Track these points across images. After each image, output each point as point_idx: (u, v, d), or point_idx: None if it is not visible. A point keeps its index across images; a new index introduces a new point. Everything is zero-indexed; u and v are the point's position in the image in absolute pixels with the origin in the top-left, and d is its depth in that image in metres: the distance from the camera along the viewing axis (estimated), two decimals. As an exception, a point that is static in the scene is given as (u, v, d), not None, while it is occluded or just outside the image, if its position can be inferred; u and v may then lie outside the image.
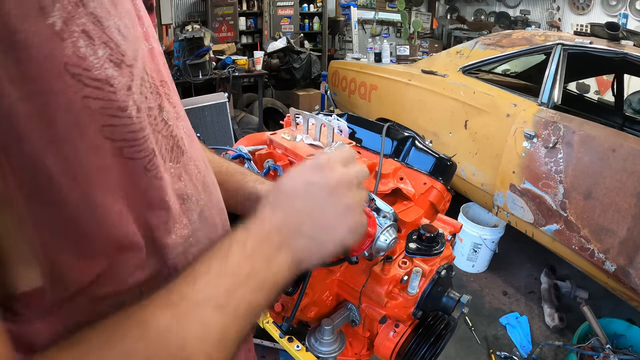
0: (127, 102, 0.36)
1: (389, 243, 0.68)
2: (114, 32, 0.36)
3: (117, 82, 0.35)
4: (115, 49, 0.36)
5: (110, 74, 0.35)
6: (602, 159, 1.98)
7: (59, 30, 0.31)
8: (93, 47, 0.33)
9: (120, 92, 0.36)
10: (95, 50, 0.34)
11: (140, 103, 0.39)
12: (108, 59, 0.35)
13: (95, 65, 0.33)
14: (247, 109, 5.27)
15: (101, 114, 0.34)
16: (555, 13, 7.28)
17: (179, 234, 0.45)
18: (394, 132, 1.06)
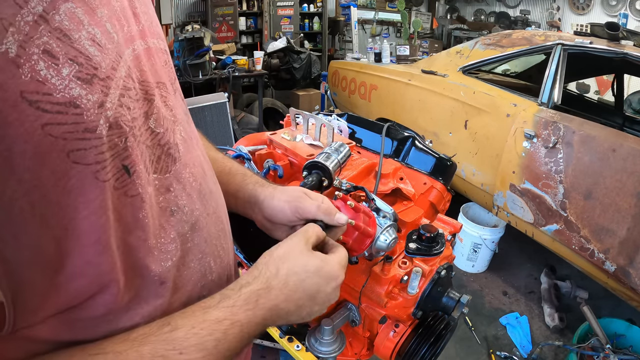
0: (96, 121, 0.35)
1: (389, 243, 0.68)
2: (85, 43, 0.34)
3: (85, 102, 0.34)
4: (86, 64, 0.34)
5: (77, 93, 0.33)
6: (602, 159, 1.98)
7: (14, 56, 0.29)
8: (56, 67, 0.32)
9: (89, 112, 0.34)
10: (59, 70, 0.32)
11: (119, 117, 0.37)
12: (75, 77, 0.33)
13: (58, 88, 0.32)
14: (247, 109, 5.26)
15: (66, 139, 0.32)
16: (555, 13, 7.28)
17: (163, 250, 0.44)
18: (394, 132, 1.06)
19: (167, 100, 0.48)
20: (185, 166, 0.49)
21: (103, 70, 0.36)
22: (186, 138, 0.51)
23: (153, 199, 0.43)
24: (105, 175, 0.36)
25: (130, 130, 0.39)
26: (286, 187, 0.68)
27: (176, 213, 0.46)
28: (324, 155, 0.79)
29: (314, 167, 0.78)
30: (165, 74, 0.49)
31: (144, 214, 0.41)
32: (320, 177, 0.77)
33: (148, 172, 0.42)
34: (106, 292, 0.39)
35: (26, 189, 0.31)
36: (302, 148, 0.91)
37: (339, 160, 0.79)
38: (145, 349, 0.40)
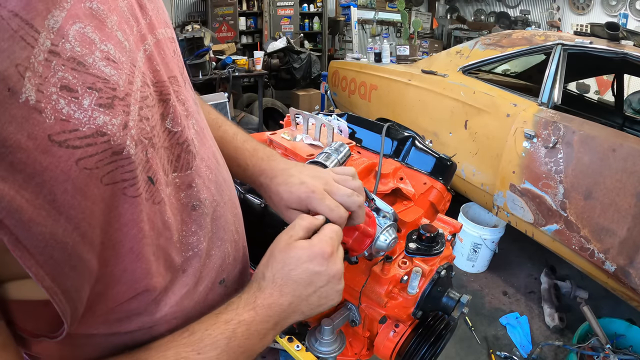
0: (122, 143, 0.35)
1: (388, 243, 0.68)
2: (100, 65, 0.34)
3: (110, 127, 0.34)
4: (104, 87, 0.34)
5: (102, 121, 0.33)
6: (602, 159, 1.98)
7: (35, 103, 0.29)
8: (77, 100, 0.32)
9: (115, 136, 0.34)
10: (80, 103, 0.32)
11: (140, 132, 0.38)
12: (97, 105, 0.33)
13: (82, 121, 0.32)
14: (247, 109, 5.26)
15: (98, 167, 0.33)
16: (555, 13, 7.28)
17: (184, 242, 0.47)
18: (394, 132, 1.06)
19: (179, 95, 0.48)
20: (202, 160, 0.50)
21: (121, 89, 0.36)
22: (199, 130, 0.51)
23: (173, 197, 0.44)
24: (136, 191, 0.37)
25: (149, 141, 0.39)
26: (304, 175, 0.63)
27: (198, 207, 0.48)
28: (324, 155, 0.79)
29: (314, 167, 0.78)
30: (175, 65, 0.49)
31: (168, 216, 0.43)
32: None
33: (166, 173, 0.43)
34: (141, 295, 0.42)
35: (75, 224, 0.32)
36: (302, 148, 0.91)
37: (339, 160, 0.79)
38: (169, 354, 0.43)
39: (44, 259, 0.31)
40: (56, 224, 0.31)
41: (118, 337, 0.44)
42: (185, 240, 0.47)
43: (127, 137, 0.35)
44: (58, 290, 0.33)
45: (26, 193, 0.29)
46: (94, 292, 0.37)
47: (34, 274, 0.31)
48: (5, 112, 0.28)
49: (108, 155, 0.34)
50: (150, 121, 0.40)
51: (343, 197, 0.60)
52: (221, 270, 0.55)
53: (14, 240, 0.29)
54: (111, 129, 0.34)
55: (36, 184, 0.30)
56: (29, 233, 0.30)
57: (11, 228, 0.29)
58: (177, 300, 0.47)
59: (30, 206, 0.29)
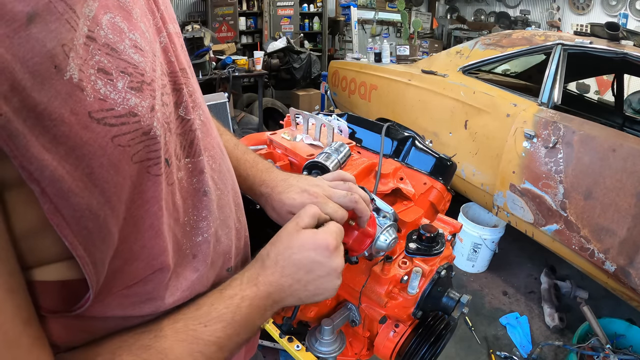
0: (151, 124, 0.38)
1: (389, 243, 0.68)
2: (130, 52, 0.37)
3: (140, 109, 0.37)
4: (134, 72, 0.37)
5: (133, 103, 0.36)
6: (602, 159, 1.98)
7: (77, 81, 0.32)
8: (112, 82, 0.34)
9: (145, 117, 0.37)
10: (115, 85, 0.35)
11: (163, 115, 0.40)
12: (129, 88, 0.36)
13: (117, 101, 0.35)
14: (247, 109, 5.26)
15: (130, 145, 0.36)
16: (555, 13, 7.28)
17: (195, 226, 0.49)
18: (394, 132, 1.06)
19: (188, 86, 0.50)
20: (206, 149, 0.52)
21: (148, 75, 0.38)
22: (205, 121, 0.54)
23: (185, 181, 0.47)
24: (159, 170, 0.39)
25: (167, 126, 0.42)
26: (303, 184, 0.68)
27: (208, 193, 0.50)
28: (324, 155, 0.79)
29: (314, 167, 0.78)
30: (184, 58, 0.51)
31: (177, 198, 0.45)
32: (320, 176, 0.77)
33: (179, 158, 0.46)
34: (156, 274, 0.43)
35: (107, 197, 0.35)
36: (302, 148, 0.91)
37: (339, 160, 0.79)
38: (179, 325, 0.46)
39: (79, 229, 0.33)
40: (91, 196, 0.33)
41: (131, 321, 0.46)
42: (196, 225, 0.49)
43: (154, 119, 0.38)
44: (89, 261, 0.35)
45: (67, 165, 0.31)
46: (111, 267, 0.38)
47: (69, 243, 0.33)
48: (52, 87, 0.30)
49: (139, 134, 0.36)
50: (168, 107, 0.43)
51: (340, 198, 0.64)
52: (228, 257, 0.57)
53: (53, 209, 0.31)
54: (141, 110, 0.37)
55: (76, 157, 0.32)
56: (67, 203, 0.32)
57: (52, 197, 0.31)
58: (188, 285, 0.49)
59: (70, 177, 0.31)
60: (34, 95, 0.29)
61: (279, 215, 0.68)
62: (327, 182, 0.68)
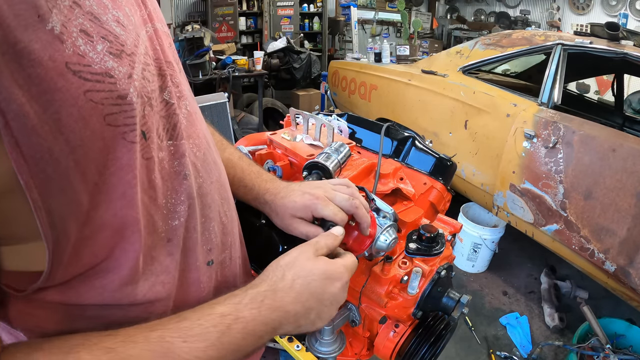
0: (127, 90, 0.39)
1: (389, 243, 0.68)
2: (112, 24, 0.39)
3: (117, 73, 0.38)
4: (115, 41, 0.39)
5: (110, 65, 0.38)
6: (602, 159, 1.98)
7: (58, 33, 0.34)
8: (92, 43, 0.36)
9: (121, 82, 0.38)
10: (95, 46, 0.37)
11: (142, 88, 0.42)
12: (108, 52, 0.38)
13: (95, 60, 0.36)
14: (247, 109, 5.26)
15: (103, 104, 0.37)
16: (555, 13, 7.28)
17: (172, 209, 0.48)
18: (394, 132, 1.06)
19: (174, 77, 0.51)
20: (190, 137, 0.52)
21: (128, 47, 0.41)
22: (191, 112, 0.55)
23: (166, 163, 0.47)
24: (134, 138, 0.40)
25: (148, 100, 0.43)
26: (304, 187, 0.69)
27: (188, 177, 0.50)
28: (324, 156, 0.79)
29: (314, 167, 0.78)
30: (171, 55, 0.53)
31: (155, 176, 0.45)
32: (320, 177, 0.77)
33: (161, 139, 0.46)
34: (128, 248, 0.42)
35: (72, 148, 0.35)
36: (302, 148, 0.91)
37: (339, 160, 0.79)
38: (153, 335, 0.42)
39: (37, 171, 0.34)
40: (55, 141, 0.34)
41: (110, 312, 0.45)
42: (173, 208, 0.48)
43: (130, 86, 0.39)
44: (42, 207, 0.35)
45: (35, 105, 0.33)
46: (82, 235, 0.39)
47: (24, 182, 0.33)
48: (34, 32, 0.32)
49: (114, 97, 0.38)
50: (151, 84, 0.44)
51: (342, 201, 0.65)
52: (208, 250, 0.55)
53: (13, 143, 0.32)
54: (118, 74, 0.38)
55: (47, 100, 0.33)
56: (29, 141, 0.33)
57: (14, 131, 0.32)
58: (162, 270, 0.47)
59: (36, 117, 0.33)
60: (16, 34, 0.31)
61: (282, 221, 0.69)
62: (330, 185, 0.69)
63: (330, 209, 0.64)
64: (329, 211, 0.63)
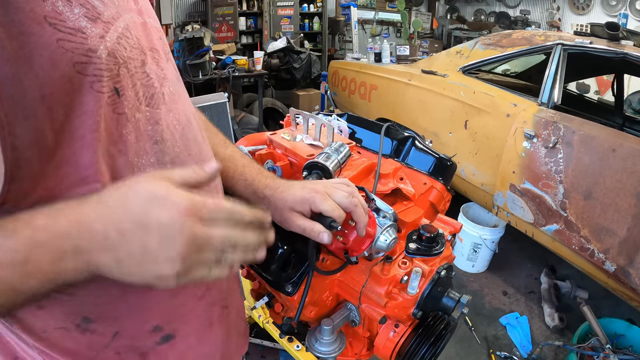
0: (97, 46, 0.45)
1: (389, 243, 0.68)
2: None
3: (89, 31, 0.44)
4: (92, 10, 0.46)
5: (84, 25, 0.44)
6: (602, 159, 1.98)
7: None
8: (70, 6, 0.43)
9: (92, 38, 0.45)
10: (72, 9, 0.43)
11: (115, 50, 0.47)
12: (83, 15, 0.44)
13: (70, 18, 0.43)
14: (247, 109, 5.26)
15: (73, 53, 0.43)
16: (555, 13, 7.28)
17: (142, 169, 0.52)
18: (394, 132, 1.06)
19: (159, 62, 0.57)
20: (170, 111, 0.57)
21: (105, 16, 0.47)
22: (174, 92, 0.59)
23: (141, 124, 0.51)
24: (101, 88, 0.45)
25: (124, 62, 0.49)
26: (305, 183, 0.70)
27: (160, 143, 0.54)
28: (324, 156, 0.79)
29: (314, 167, 0.78)
30: (160, 46, 0.59)
31: (127, 131, 0.49)
32: (320, 177, 0.77)
33: (140, 102, 0.51)
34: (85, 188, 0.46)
35: (40, 83, 0.40)
36: (302, 148, 0.91)
37: (339, 160, 0.79)
38: None
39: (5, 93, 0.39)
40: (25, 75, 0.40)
41: None
42: (143, 168, 0.51)
43: (101, 44, 0.45)
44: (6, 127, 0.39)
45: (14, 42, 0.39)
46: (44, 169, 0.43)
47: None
48: None
49: (84, 49, 0.44)
50: (128, 52, 0.50)
51: (341, 198, 0.65)
52: None
53: None
54: (89, 33, 0.45)
55: (22, 40, 0.39)
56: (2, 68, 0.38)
57: None
58: None
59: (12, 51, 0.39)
60: None
61: (280, 215, 0.68)
62: (330, 183, 0.69)
63: (328, 204, 0.64)
64: (327, 206, 0.64)
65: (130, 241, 0.41)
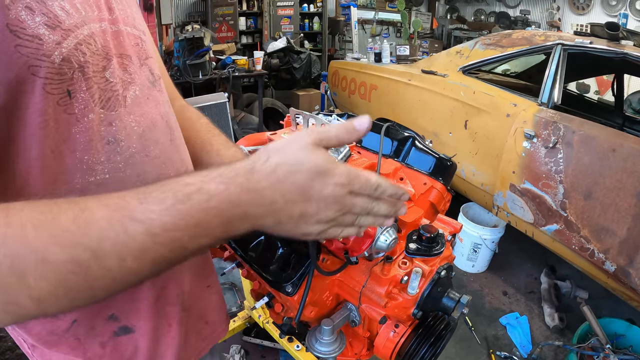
0: (52, 52, 0.49)
1: (389, 243, 0.68)
2: (55, 7, 0.49)
3: (46, 38, 0.48)
4: (53, 19, 0.49)
5: (42, 32, 0.48)
6: (602, 159, 1.98)
7: (7, 3, 0.45)
8: (32, 15, 0.47)
9: (48, 45, 0.48)
10: (34, 18, 0.47)
11: (71, 55, 0.51)
12: (43, 24, 0.48)
13: (31, 26, 0.47)
14: (247, 109, 5.26)
15: (28, 57, 0.47)
16: (555, 13, 7.28)
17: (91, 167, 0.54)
18: (394, 132, 1.06)
19: (127, 67, 0.60)
20: (130, 114, 0.59)
21: (66, 25, 0.50)
22: (140, 96, 0.61)
23: (94, 125, 0.54)
24: (52, 90, 0.49)
25: (79, 67, 0.52)
26: None
27: (112, 144, 0.57)
28: (324, 156, 0.79)
29: (314, 167, 0.78)
30: (134, 52, 0.62)
31: (76, 130, 0.52)
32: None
33: (95, 103, 0.54)
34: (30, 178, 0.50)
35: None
36: (302, 148, 0.90)
37: (339, 160, 0.79)
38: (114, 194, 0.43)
39: None
40: None
41: None
42: (92, 166, 0.55)
43: (56, 50, 0.49)
44: None
45: None
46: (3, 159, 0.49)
47: None
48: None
49: (39, 55, 0.47)
50: (87, 57, 0.53)
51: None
52: None
53: None
54: (46, 40, 0.48)
55: None
56: None
57: None
58: None
59: None
60: None
61: None
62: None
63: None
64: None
65: (293, 207, 0.46)
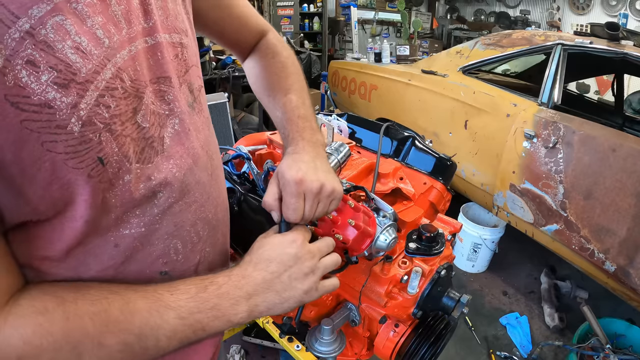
0: (67, 120, 0.41)
1: (388, 243, 0.68)
2: (67, 52, 0.40)
3: (59, 103, 0.40)
4: (65, 71, 0.40)
5: (52, 96, 0.39)
6: (602, 159, 1.98)
7: (1, 67, 0.36)
8: (37, 74, 0.38)
9: (62, 112, 0.40)
10: (39, 77, 0.39)
11: (93, 116, 0.43)
12: (52, 82, 0.39)
13: (36, 92, 0.38)
14: (247, 109, 5.26)
15: (40, 132, 0.39)
16: (555, 13, 7.29)
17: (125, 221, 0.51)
18: (394, 132, 1.06)
19: (165, 95, 0.53)
20: (169, 158, 0.54)
21: (82, 75, 0.41)
22: (180, 130, 0.55)
23: (132, 185, 0.49)
24: (78, 165, 0.43)
25: (105, 126, 0.44)
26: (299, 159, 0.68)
27: (150, 198, 0.52)
28: (324, 155, 0.79)
29: (313, 167, 0.78)
30: (173, 68, 0.54)
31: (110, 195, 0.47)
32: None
33: (130, 162, 0.48)
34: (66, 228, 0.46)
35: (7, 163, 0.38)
36: (302, 148, 0.90)
37: (339, 160, 0.79)
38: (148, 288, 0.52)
39: None
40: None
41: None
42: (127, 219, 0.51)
43: (72, 116, 0.41)
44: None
45: None
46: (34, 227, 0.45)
47: None
48: None
49: (52, 126, 0.40)
50: (113, 110, 0.45)
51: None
52: (163, 262, 0.58)
53: None
54: (59, 105, 0.40)
55: None
56: None
57: None
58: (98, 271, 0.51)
59: None
60: None
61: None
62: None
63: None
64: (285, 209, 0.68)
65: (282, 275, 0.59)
